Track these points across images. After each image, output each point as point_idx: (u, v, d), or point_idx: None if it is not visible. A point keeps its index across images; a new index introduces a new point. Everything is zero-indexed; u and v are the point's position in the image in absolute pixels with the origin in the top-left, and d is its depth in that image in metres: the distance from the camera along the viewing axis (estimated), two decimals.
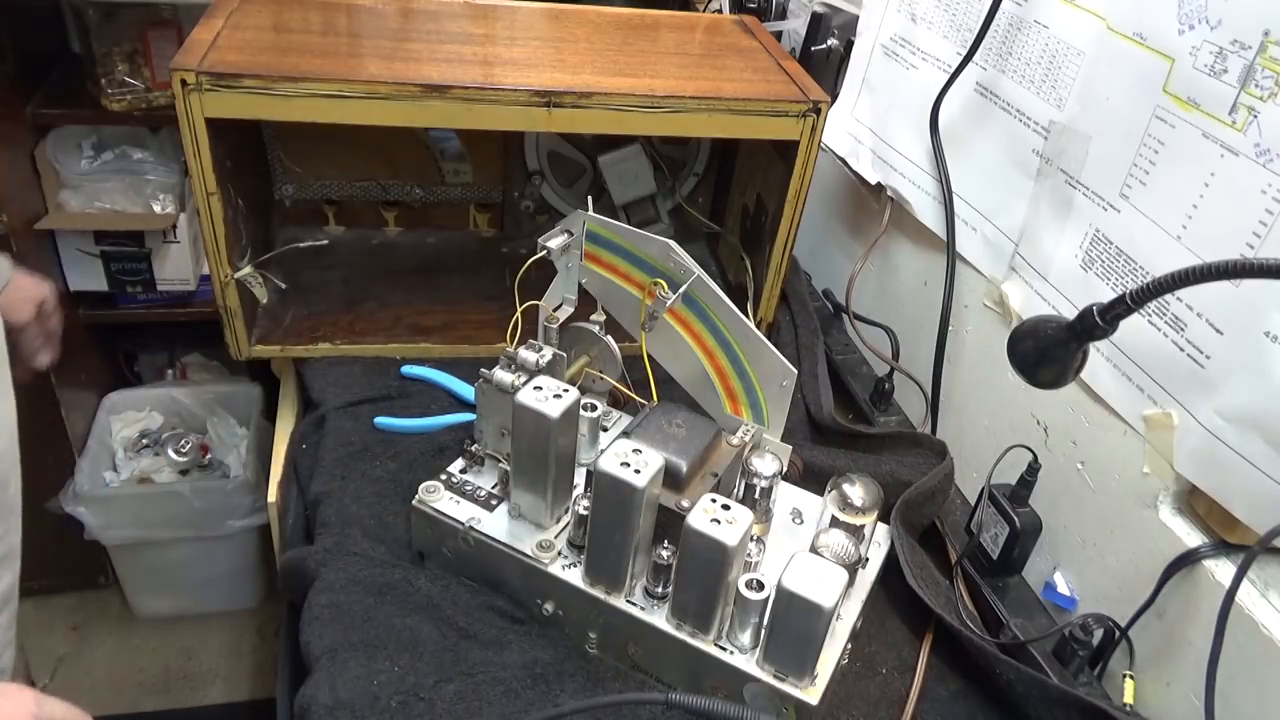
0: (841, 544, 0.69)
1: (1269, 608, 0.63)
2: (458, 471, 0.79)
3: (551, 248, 0.79)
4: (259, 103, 0.81)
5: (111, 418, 1.73)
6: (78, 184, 1.53)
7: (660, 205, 1.20)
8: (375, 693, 0.66)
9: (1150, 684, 0.72)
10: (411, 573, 0.76)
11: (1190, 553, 0.68)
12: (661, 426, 0.75)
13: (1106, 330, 0.56)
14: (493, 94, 0.84)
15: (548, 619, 0.73)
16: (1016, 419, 0.88)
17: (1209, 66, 0.65)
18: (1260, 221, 0.62)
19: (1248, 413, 0.63)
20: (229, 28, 0.90)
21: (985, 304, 0.92)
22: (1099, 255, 0.77)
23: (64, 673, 1.72)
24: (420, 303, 1.09)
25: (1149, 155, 0.71)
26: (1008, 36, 0.87)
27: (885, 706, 0.72)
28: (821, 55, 1.19)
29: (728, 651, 0.66)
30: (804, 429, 0.98)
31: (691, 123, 0.89)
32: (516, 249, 1.22)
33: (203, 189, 0.86)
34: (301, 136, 1.12)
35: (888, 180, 1.05)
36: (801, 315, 1.09)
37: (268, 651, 1.77)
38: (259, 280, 0.98)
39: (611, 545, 0.67)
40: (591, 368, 0.87)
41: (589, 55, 0.96)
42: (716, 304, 0.76)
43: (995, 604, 0.78)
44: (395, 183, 1.19)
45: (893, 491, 0.79)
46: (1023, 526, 0.77)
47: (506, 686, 0.68)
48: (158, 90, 1.50)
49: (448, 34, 0.96)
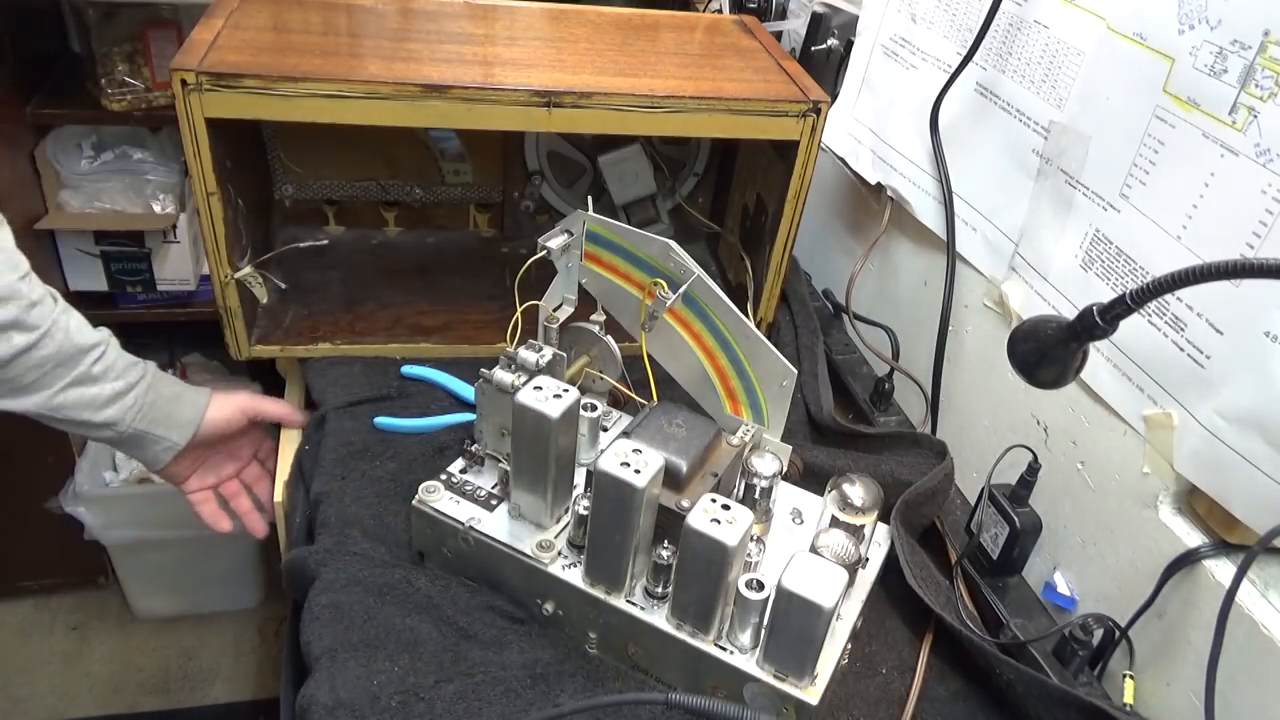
0: (841, 544, 0.69)
1: (1269, 608, 0.63)
2: (458, 471, 0.79)
3: (551, 248, 0.79)
4: (259, 103, 0.81)
5: None
6: (78, 184, 1.53)
7: (660, 205, 1.20)
8: (375, 693, 0.66)
9: (1150, 684, 0.72)
10: (411, 573, 0.76)
11: (1190, 553, 0.68)
12: (661, 426, 0.75)
13: (1106, 330, 0.56)
14: (493, 94, 0.84)
15: (548, 619, 0.73)
16: (1016, 419, 0.88)
17: (1209, 66, 0.65)
18: (1260, 221, 0.62)
19: (1248, 413, 0.63)
20: (229, 28, 0.90)
21: (985, 304, 0.92)
22: (1099, 255, 0.77)
23: (64, 673, 1.72)
24: (420, 303, 1.09)
25: (1149, 155, 0.71)
26: (1008, 36, 0.87)
27: (885, 706, 0.72)
28: (821, 55, 1.19)
29: (728, 651, 0.66)
30: (804, 429, 0.98)
31: (691, 123, 0.89)
32: (516, 249, 1.22)
33: (203, 189, 0.86)
34: (301, 136, 1.12)
35: (888, 180, 1.05)
36: (801, 315, 1.09)
37: (268, 651, 1.77)
38: (259, 280, 0.98)
39: (611, 545, 0.67)
40: (591, 368, 0.87)
41: (589, 55, 0.96)
42: (716, 304, 0.76)
43: (995, 604, 0.78)
44: (395, 183, 1.19)
45: (893, 491, 0.79)
46: (1023, 526, 0.77)
47: (506, 686, 0.68)
48: (158, 90, 1.50)
49: (448, 34, 0.96)
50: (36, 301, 0.76)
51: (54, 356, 0.77)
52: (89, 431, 0.83)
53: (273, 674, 1.72)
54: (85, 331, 0.80)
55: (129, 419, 0.83)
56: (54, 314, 0.77)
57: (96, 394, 0.80)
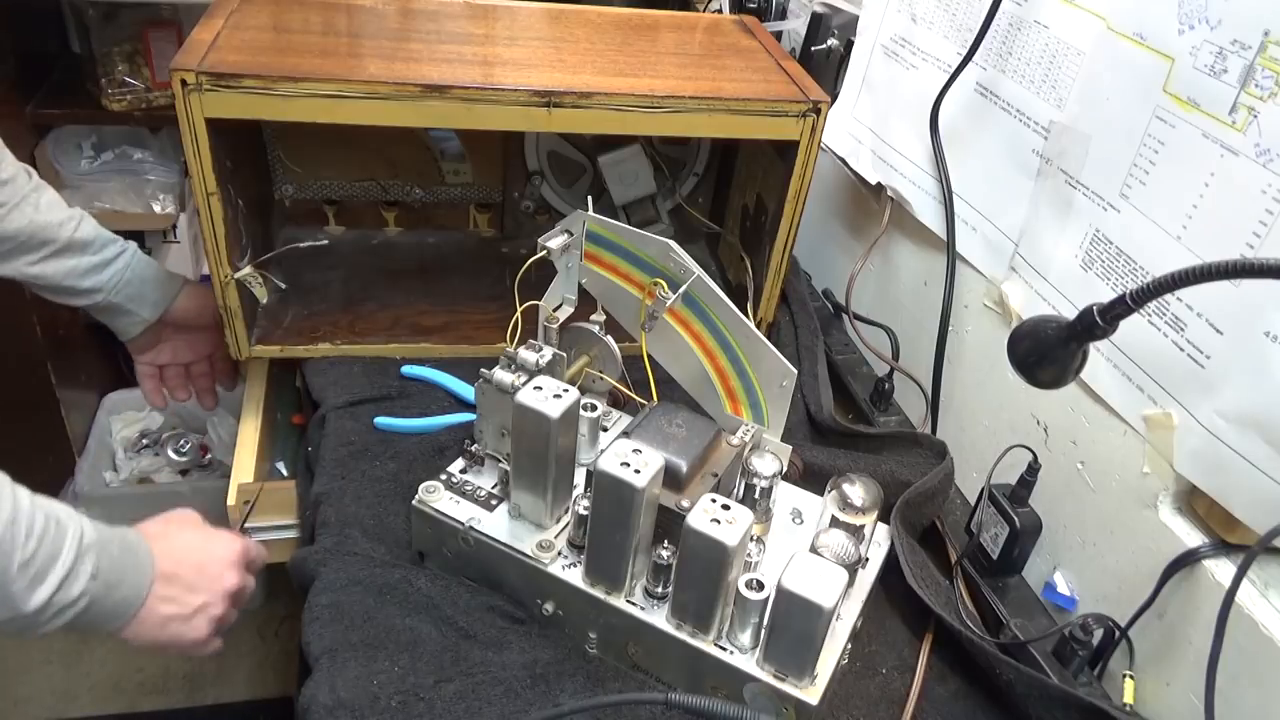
0: (841, 544, 0.70)
1: (1269, 608, 0.63)
2: (458, 471, 0.79)
3: (551, 248, 0.79)
4: (259, 103, 0.81)
5: (111, 418, 1.73)
6: (78, 184, 1.53)
7: (660, 205, 1.20)
8: (375, 692, 0.66)
9: (1150, 684, 0.72)
10: (411, 573, 0.76)
11: (1190, 553, 0.68)
12: (661, 426, 0.75)
13: (1106, 330, 0.56)
14: (493, 94, 0.84)
15: (548, 619, 0.73)
16: (1016, 419, 0.88)
17: (1209, 66, 0.65)
18: (1260, 221, 0.62)
19: (1248, 413, 0.63)
20: (229, 28, 0.90)
21: (985, 304, 0.92)
22: (1099, 255, 0.77)
23: (64, 673, 1.72)
24: (420, 303, 1.09)
25: (1149, 155, 0.71)
26: (1008, 36, 0.87)
27: (885, 706, 0.72)
28: (821, 55, 1.19)
29: (728, 651, 0.66)
30: (804, 429, 0.98)
31: (691, 123, 0.89)
32: (516, 249, 1.22)
33: (203, 189, 0.86)
34: (301, 136, 1.12)
35: (888, 180, 1.05)
36: (801, 315, 1.09)
37: (268, 651, 1.77)
38: (259, 280, 0.98)
39: (611, 545, 0.67)
40: (591, 368, 0.87)
41: (589, 55, 0.96)
42: (716, 304, 0.76)
43: (995, 604, 0.78)
44: (395, 183, 1.19)
45: (893, 491, 0.79)
46: (1023, 526, 0.77)
47: (507, 686, 0.68)
48: (158, 90, 1.50)
49: (448, 34, 0.96)
50: (6, 180, 0.85)
51: (25, 229, 0.86)
52: (70, 298, 0.93)
53: (273, 674, 1.72)
54: (56, 209, 0.89)
55: (107, 289, 0.93)
56: (25, 190, 0.86)
57: (75, 265, 0.90)
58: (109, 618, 0.69)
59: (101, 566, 0.67)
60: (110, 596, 0.68)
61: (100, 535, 0.68)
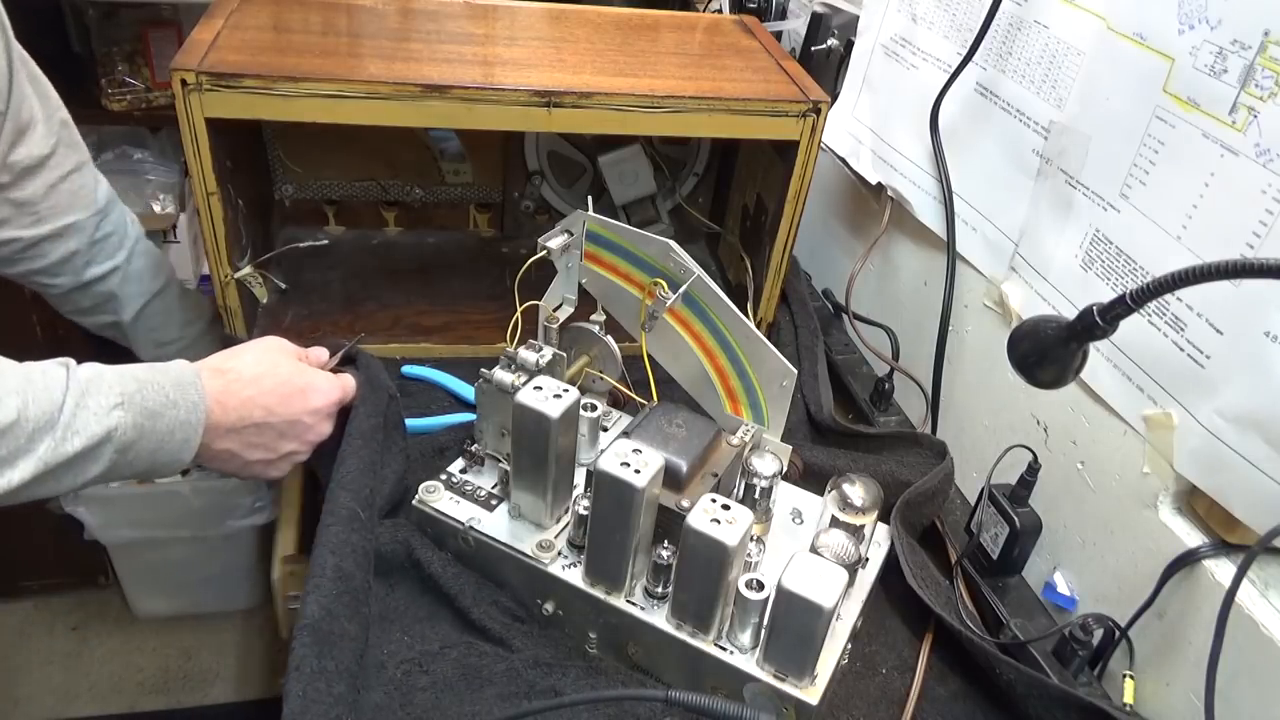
0: (841, 544, 0.69)
1: (1269, 608, 0.63)
2: (458, 471, 0.79)
3: (551, 248, 0.79)
4: (259, 103, 0.81)
5: None
6: None
7: (660, 205, 1.20)
8: (383, 660, 0.66)
9: (1150, 684, 0.72)
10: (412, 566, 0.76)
11: (1190, 553, 0.68)
12: (661, 426, 0.75)
13: (1106, 330, 0.56)
14: (493, 94, 0.84)
15: (548, 619, 0.73)
16: (1016, 419, 0.88)
17: (1209, 66, 0.65)
18: (1260, 221, 0.62)
19: (1248, 413, 0.63)
20: (229, 28, 0.90)
21: (985, 304, 0.92)
22: (1099, 255, 0.77)
23: (64, 673, 1.72)
24: (420, 303, 1.09)
25: (1149, 155, 0.71)
26: (1008, 36, 0.87)
27: (885, 706, 0.72)
28: (821, 55, 1.19)
29: (728, 651, 0.66)
30: (804, 429, 0.98)
31: (691, 123, 0.89)
32: (516, 249, 1.22)
33: (203, 189, 0.86)
34: (301, 136, 1.12)
35: (888, 180, 1.05)
36: (801, 315, 1.09)
37: (268, 651, 1.77)
38: (259, 280, 0.98)
39: (611, 545, 0.67)
40: (591, 368, 0.87)
41: (589, 55, 0.96)
42: (716, 304, 0.76)
43: (995, 604, 0.78)
44: (395, 183, 1.19)
45: (893, 491, 0.79)
46: (1023, 526, 0.77)
47: (509, 664, 0.68)
48: (158, 90, 1.50)
49: (448, 34, 0.96)
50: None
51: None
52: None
53: (273, 674, 1.72)
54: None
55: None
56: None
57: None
58: (166, 450, 0.69)
59: (131, 397, 0.67)
60: (154, 426, 0.68)
61: (130, 371, 0.70)
